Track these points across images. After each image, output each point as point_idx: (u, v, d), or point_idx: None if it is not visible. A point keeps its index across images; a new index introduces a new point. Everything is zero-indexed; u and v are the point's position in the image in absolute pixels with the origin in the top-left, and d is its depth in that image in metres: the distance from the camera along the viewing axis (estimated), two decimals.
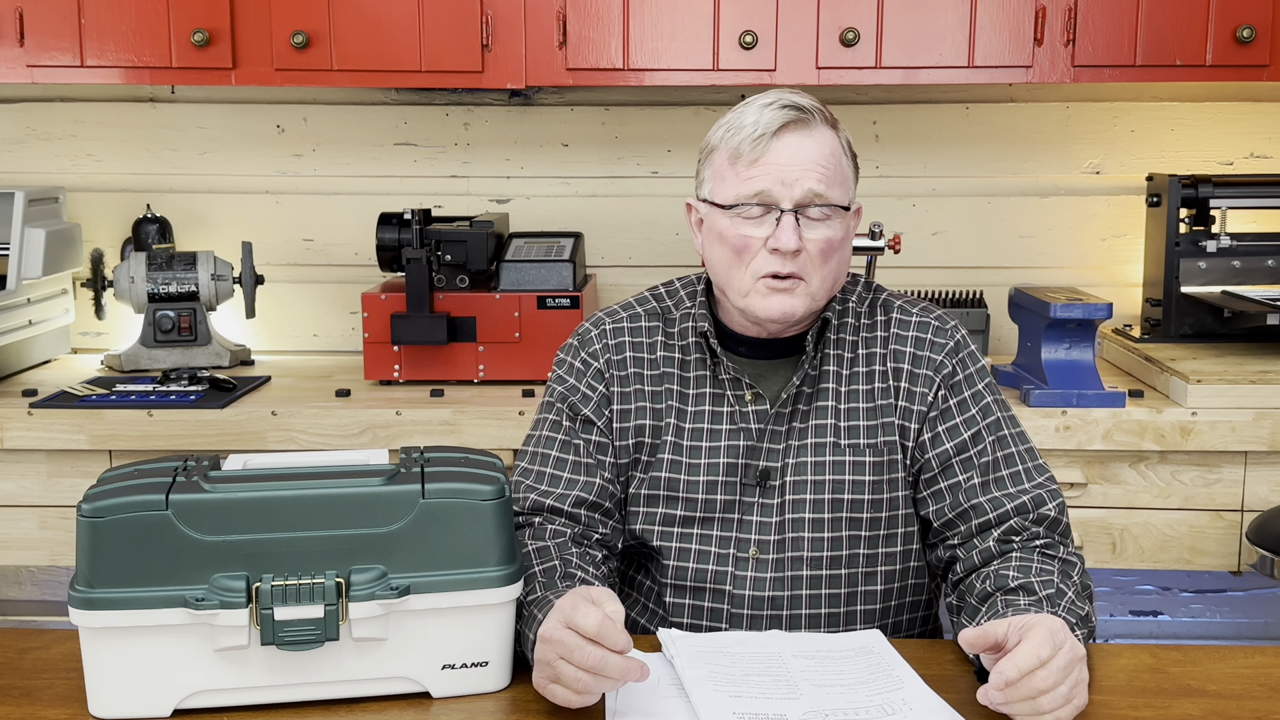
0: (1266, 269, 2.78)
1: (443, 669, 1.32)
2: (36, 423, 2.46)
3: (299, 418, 2.47)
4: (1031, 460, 1.61)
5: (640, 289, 1.76)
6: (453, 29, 2.60)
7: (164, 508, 1.25)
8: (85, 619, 1.26)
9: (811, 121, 1.57)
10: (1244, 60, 2.56)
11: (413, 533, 1.29)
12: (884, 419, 1.60)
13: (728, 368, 1.62)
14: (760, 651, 1.43)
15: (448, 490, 1.30)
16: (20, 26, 2.62)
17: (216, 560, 1.26)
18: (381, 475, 1.31)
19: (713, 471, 1.60)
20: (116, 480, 1.30)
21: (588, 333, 1.69)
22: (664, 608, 1.63)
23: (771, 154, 1.55)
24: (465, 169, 3.03)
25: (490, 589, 1.31)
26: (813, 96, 1.61)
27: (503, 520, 1.32)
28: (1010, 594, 1.45)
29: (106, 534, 1.25)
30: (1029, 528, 1.55)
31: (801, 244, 1.54)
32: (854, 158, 1.62)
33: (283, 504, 1.27)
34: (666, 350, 1.66)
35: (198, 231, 3.05)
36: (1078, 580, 1.49)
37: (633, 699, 1.31)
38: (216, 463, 1.36)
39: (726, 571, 1.59)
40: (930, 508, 1.60)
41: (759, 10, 2.57)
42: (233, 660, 1.28)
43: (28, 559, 2.56)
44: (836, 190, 1.56)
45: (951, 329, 1.65)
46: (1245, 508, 2.44)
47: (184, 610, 1.25)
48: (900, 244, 2.61)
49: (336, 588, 1.27)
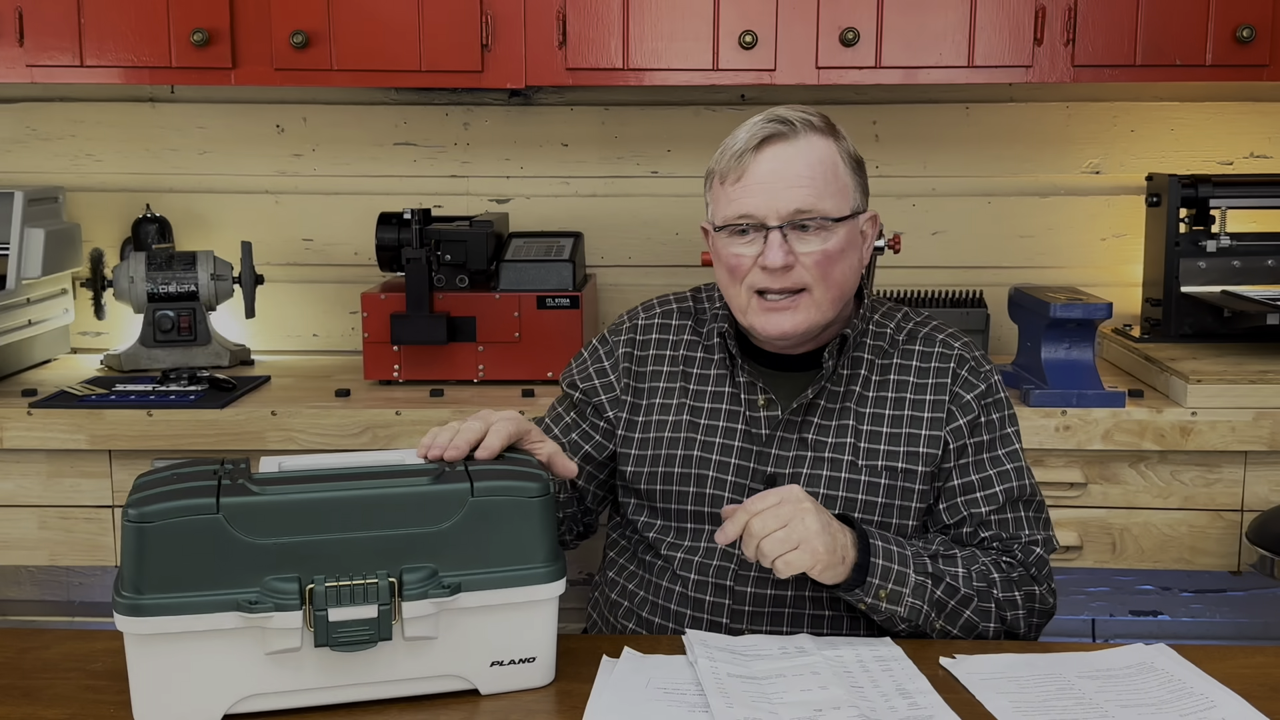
0: (1266, 269, 2.78)
1: (491, 666, 1.33)
2: (36, 423, 2.46)
3: (299, 418, 2.47)
4: (1036, 513, 1.65)
5: (640, 289, 1.78)
6: (453, 29, 2.60)
7: (214, 511, 1.24)
8: (132, 625, 1.24)
9: (794, 133, 1.55)
10: (1244, 60, 2.56)
11: (462, 531, 1.30)
12: (908, 447, 1.61)
13: (744, 370, 1.63)
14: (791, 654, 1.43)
15: (496, 488, 1.31)
16: (20, 26, 2.62)
17: (267, 563, 1.25)
18: (428, 475, 1.31)
19: (722, 469, 1.62)
20: (158, 485, 1.29)
21: (621, 323, 1.75)
22: (667, 602, 1.63)
23: (753, 172, 1.55)
24: (465, 169, 3.03)
25: (538, 585, 1.32)
26: (812, 109, 1.60)
27: (548, 517, 1.33)
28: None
29: (156, 539, 1.23)
30: (1006, 554, 1.61)
31: (793, 259, 1.54)
32: (857, 165, 1.61)
33: (334, 505, 1.27)
34: (690, 349, 1.69)
35: (197, 231, 3.05)
36: (999, 576, 1.55)
37: (614, 700, 1.31)
38: (248, 465, 1.35)
39: (729, 568, 1.59)
40: (933, 529, 1.64)
41: (759, 10, 2.57)
42: (284, 663, 1.27)
43: (27, 559, 2.56)
44: (828, 201, 1.54)
45: (986, 372, 1.65)
46: (1245, 508, 2.44)
47: (236, 614, 1.24)
48: (900, 244, 2.61)
49: (390, 587, 1.26)
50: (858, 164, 1.61)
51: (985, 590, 1.54)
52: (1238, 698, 1.32)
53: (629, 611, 1.67)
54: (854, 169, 1.60)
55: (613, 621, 1.70)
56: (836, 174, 1.57)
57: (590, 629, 1.80)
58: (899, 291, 2.88)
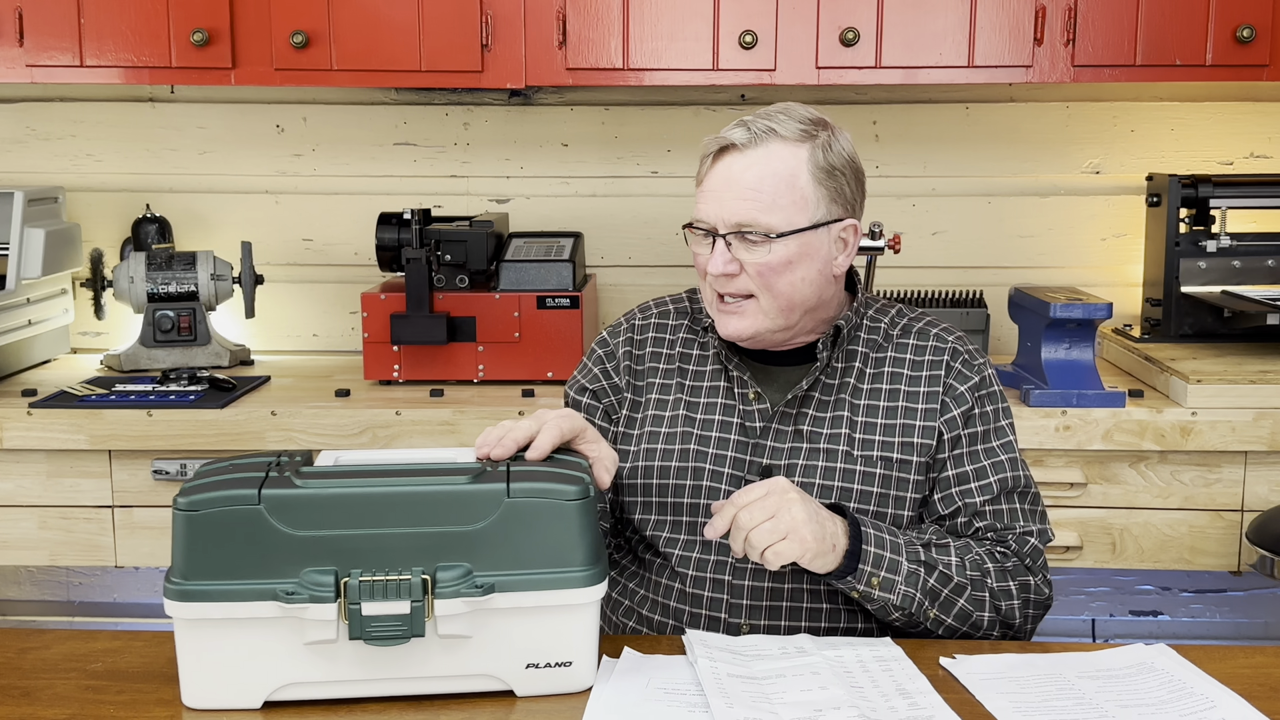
0: (1266, 269, 2.78)
1: (527, 668, 1.33)
2: (36, 423, 2.46)
3: (298, 418, 2.47)
4: (1031, 505, 1.65)
5: (640, 289, 1.79)
6: (453, 29, 2.60)
7: (256, 502, 1.27)
8: (180, 610, 1.28)
9: (752, 143, 1.55)
10: (1244, 60, 2.56)
11: (497, 531, 1.30)
12: (902, 437, 1.62)
13: (733, 363, 1.65)
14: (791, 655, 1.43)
15: (532, 490, 1.31)
16: (20, 26, 2.62)
17: (306, 554, 1.28)
18: (468, 474, 1.32)
19: (718, 463, 1.63)
20: (212, 475, 1.32)
21: (619, 324, 1.76)
22: (666, 599, 1.63)
23: (710, 179, 1.59)
24: (465, 169, 3.03)
25: (574, 589, 1.31)
26: (800, 111, 1.59)
27: (587, 520, 1.32)
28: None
29: (201, 527, 1.27)
30: (1001, 545, 1.61)
31: (736, 267, 1.57)
32: (829, 173, 1.57)
33: (371, 500, 1.29)
34: (686, 347, 1.71)
35: (197, 231, 3.05)
36: (994, 566, 1.56)
37: (614, 700, 1.31)
38: (310, 458, 1.37)
39: (726, 562, 1.60)
40: (928, 519, 1.64)
41: (759, 10, 2.57)
42: (322, 654, 1.30)
43: (27, 559, 2.56)
44: (775, 215, 1.54)
45: (980, 365, 1.67)
46: (1245, 508, 2.44)
47: (275, 604, 1.27)
48: (900, 244, 2.61)
49: (423, 584, 1.27)
50: (830, 172, 1.58)
51: (979, 579, 1.55)
52: (1238, 698, 1.32)
53: (629, 610, 1.68)
54: (823, 178, 1.57)
55: (614, 620, 1.71)
56: (793, 186, 1.55)
57: None
58: (899, 291, 2.88)
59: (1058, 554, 2.46)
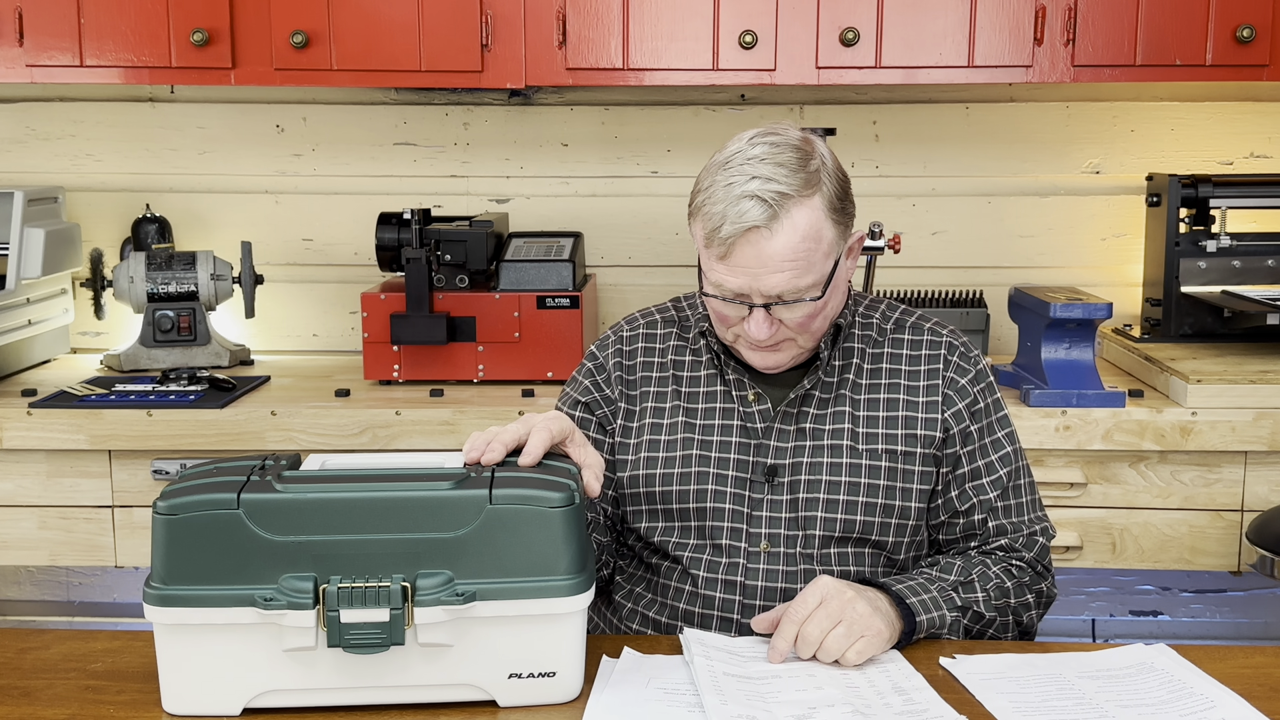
0: (1266, 269, 2.78)
1: (509, 678, 1.30)
2: (36, 423, 2.46)
3: (298, 418, 2.47)
4: (1032, 494, 1.68)
5: (640, 289, 1.79)
6: (452, 29, 2.60)
7: (235, 506, 1.25)
8: (159, 615, 1.26)
9: (775, 217, 1.49)
10: (1244, 60, 2.56)
11: (479, 538, 1.27)
12: (905, 429, 1.64)
13: (731, 366, 1.65)
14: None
15: (515, 497, 1.28)
16: (20, 26, 2.62)
17: (285, 560, 1.26)
18: (450, 480, 1.29)
19: (723, 465, 1.63)
20: (193, 478, 1.31)
21: (606, 338, 1.76)
22: (676, 601, 1.64)
23: (737, 255, 1.51)
24: (465, 169, 3.03)
25: (558, 598, 1.28)
26: (785, 152, 1.51)
27: (572, 528, 1.29)
28: (932, 563, 1.62)
29: (180, 531, 1.25)
30: (1014, 554, 1.64)
31: (777, 325, 1.56)
32: (840, 201, 1.55)
33: (351, 506, 1.26)
34: (678, 354, 1.71)
35: (197, 231, 3.05)
36: (1012, 584, 1.60)
37: (614, 700, 1.31)
38: (296, 462, 1.36)
39: (738, 564, 1.61)
40: (932, 520, 1.66)
41: (759, 10, 2.57)
42: (301, 661, 1.28)
43: (27, 559, 2.56)
44: (809, 277, 1.53)
45: (975, 357, 1.69)
46: (1245, 508, 2.44)
47: (253, 610, 1.25)
48: (900, 244, 2.61)
49: (402, 591, 1.25)
50: (840, 204, 1.56)
51: (1004, 606, 1.59)
52: (1238, 698, 1.32)
53: (632, 612, 1.68)
54: (837, 216, 1.55)
55: (616, 624, 1.71)
56: (819, 239, 1.53)
57: (593, 631, 1.80)
58: (899, 291, 2.88)
59: (1058, 554, 2.46)
